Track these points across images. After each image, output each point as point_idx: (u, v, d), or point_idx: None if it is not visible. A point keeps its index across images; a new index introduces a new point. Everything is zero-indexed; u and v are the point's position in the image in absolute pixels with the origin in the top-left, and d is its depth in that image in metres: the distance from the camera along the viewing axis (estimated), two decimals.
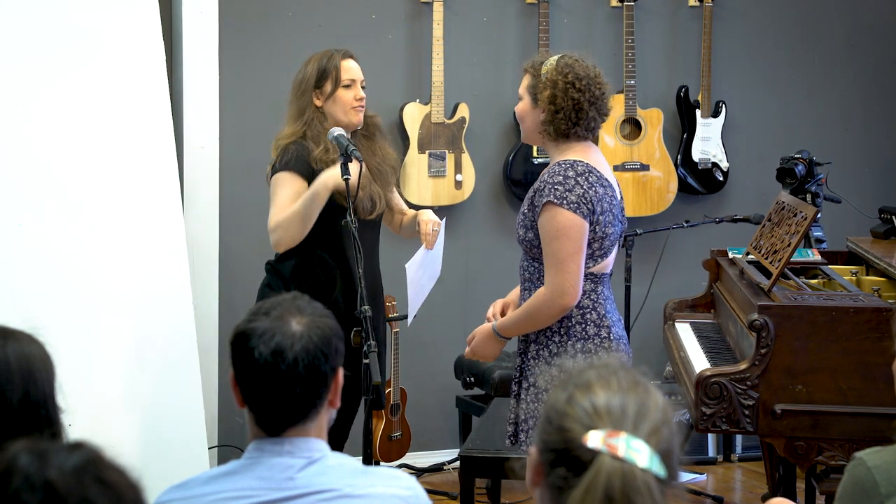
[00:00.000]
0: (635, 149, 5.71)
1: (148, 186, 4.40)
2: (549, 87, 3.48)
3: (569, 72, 3.47)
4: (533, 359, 3.54)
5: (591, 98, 3.48)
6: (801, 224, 3.90)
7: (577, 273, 3.41)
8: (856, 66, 6.12)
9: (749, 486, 5.47)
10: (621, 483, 1.50)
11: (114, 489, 1.39)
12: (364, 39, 5.41)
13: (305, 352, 2.09)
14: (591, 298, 3.50)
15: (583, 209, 3.40)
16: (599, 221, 3.44)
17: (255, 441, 2.14)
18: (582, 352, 3.48)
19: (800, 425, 3.57)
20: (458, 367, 5.53)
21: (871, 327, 3.56)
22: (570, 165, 3.44)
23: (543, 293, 3.43)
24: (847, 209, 5.32)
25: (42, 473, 1.36)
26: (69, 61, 4.32)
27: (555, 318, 3.46)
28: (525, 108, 3.56)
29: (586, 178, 3.43)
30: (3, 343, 1.98)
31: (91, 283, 4.22)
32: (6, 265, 4.11)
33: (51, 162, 4.24)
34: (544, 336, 3.51)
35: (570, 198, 3.39)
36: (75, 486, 1.36)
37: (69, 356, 4.01)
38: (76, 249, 4.22)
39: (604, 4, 5.76)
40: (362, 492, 2.10)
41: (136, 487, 1.42)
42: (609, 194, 3.48)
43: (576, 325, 3.49)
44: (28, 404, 1.95)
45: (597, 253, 3.48)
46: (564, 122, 3.47)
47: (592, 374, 1.61)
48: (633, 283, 5.27)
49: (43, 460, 1.38)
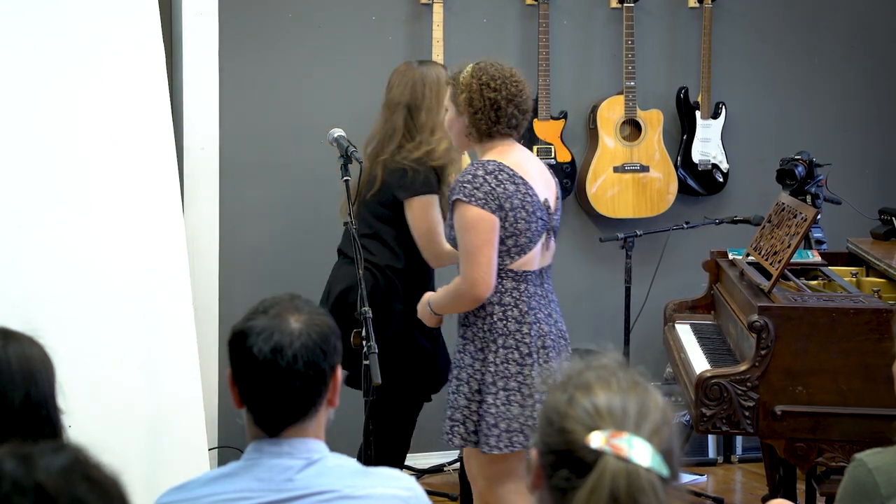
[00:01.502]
0: (635, 150, 5.71)
1: (148, 187, 4.40)
2: (465, 90, 3.65)
3: (482, 74, 3.65)
4: (459, 352, 3.73)
5: (509, 95, 3.64)
6: (801, 225, 3.90)
7: (487, 265, 3.59)
8: (855, 67, 6.12)
9: (749, 488, 5.46)
10: (626, 483, 1.50)
11: (102, 486, 1.39)
12: (364, 41, 5.41)
13: (305, 349, 2.09)
14: (513, 296, 3.66)
15: (490, 205, 3.57)
16: (509, 217, 3.60)
17: (253, 442, 2.14)
18: (503, 347, 3.64)
19: (800, 426, 3.57)
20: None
21: (871, 328, 3.56)
22: (482, 165, 3.63)
23: (458, 283, 3.64)
24: (847, 210, 5.31)
25: (30, 477, 1.36)
26: (69, 63, 4.31)
27: (469, 306, 3.66)
28: (452, 118, 3.72)
29: (495, 175, 3.60)
30: (4, 344, 1.98)
31: (90, 283, 4.22)
32: (6, 265, 4.11)
33: (51, 163, 4.24)
34: (471, 331, 3.69)
35: (477, 195, 3.57)
36: (65, 487, 1.36)
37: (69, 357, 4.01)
38: (76, 250, 4.22)
39: (604, 6, 5.76)
40: (362, 493, 2.10)
41: (119, 482, 1.43)
42: (522, 191, 3.63)
43: (497, 321, 3.65)
44: (29, 405, 1.95)
45: (513, 250, 3.64)
46: (484, 121, 3.64)
47: (592, 374, 1.61)
48: (633, 284, 5.27)
49: (29, 464, 1.37)
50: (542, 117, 5.55)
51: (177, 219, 4.46)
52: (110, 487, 1.40)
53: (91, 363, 4.13)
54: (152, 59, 4.49)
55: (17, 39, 4.24)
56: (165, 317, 4.35)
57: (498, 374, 3.63)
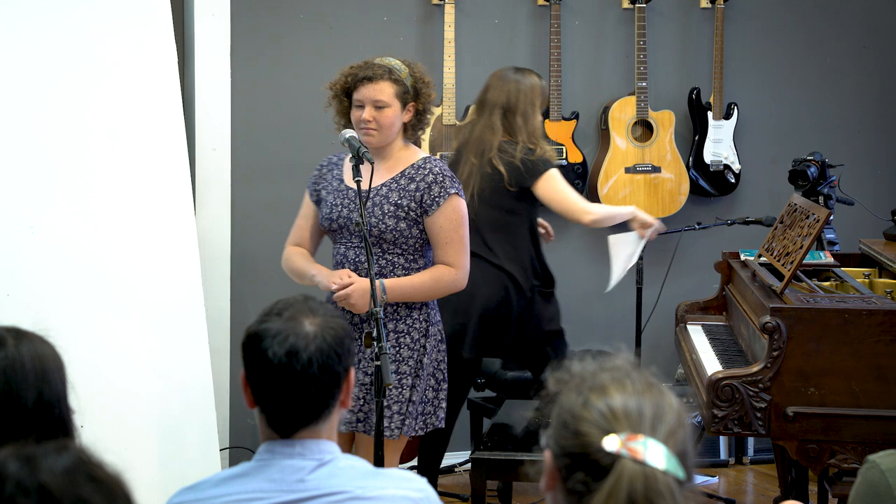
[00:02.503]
0: (647, 151, 5.70)
1: (160, 188, 4.40)
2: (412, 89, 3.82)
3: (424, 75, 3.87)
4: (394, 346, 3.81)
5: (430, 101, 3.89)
6: (814, 226, 3.89)
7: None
8: (868, 67, 6.10)
9: (761, 489, 5.45)
10: (644, 486, 1.49)
11: (106, 485, 1.39)
12: (375, 41, 5.41)
13: (319, 352, 2.09)
14: None
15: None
16: None
17: (266, 443, 2.14)
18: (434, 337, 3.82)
19: (812, 428, 3.57)
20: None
21: (883, 330, 3.55)
22: (437, 159, 3.87)
23: (453, 273, 3.78)
24: (860, 211, 5.30)
25: (34, 478, 1.36)
26: (81, 64, 4.32)
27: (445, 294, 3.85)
28: (395, 113, 3.80)
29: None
30: (17, 343, 1.98)
31: (103, 284, 4.23)
32: (19, 267, 4.11)
33: (63, 164, 4.24)
34: (406, 324, 3.80)
35: (461, 188, 3.83)
36: (69, 487, 1.36)
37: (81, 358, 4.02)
38: (88, 251, 4.23)
39: (615, 6, 5.75)
40: (373, 494, 2.10)
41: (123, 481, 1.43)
42: None
43: (432, 311, 3.86)
44: (42, 405, 1.95)
45: None
46: (421, 122, 3.87)
47: (606, 376, 1.61)
48: (645, 285, 5.26)
49: (33, 464, 1.37)
50: (553, 118, 5.55)
51: (188, 219, 4.46)
52: (114, 486, 1.40)
53: (103, 364, 4.14)
54: (164, 60, 4.50)
55: (29, 41, 4.25)
56: (177, 317, 4.35)
57: (431, 362, 3.81)
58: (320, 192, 3.93)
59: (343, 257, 3.82)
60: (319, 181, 3.95)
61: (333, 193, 3.87)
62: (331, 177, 3.92)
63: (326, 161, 3.99)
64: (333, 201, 3.85)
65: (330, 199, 3.87)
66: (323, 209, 3.89)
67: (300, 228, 4.02)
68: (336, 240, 3.87)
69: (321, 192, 3.93)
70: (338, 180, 3.89)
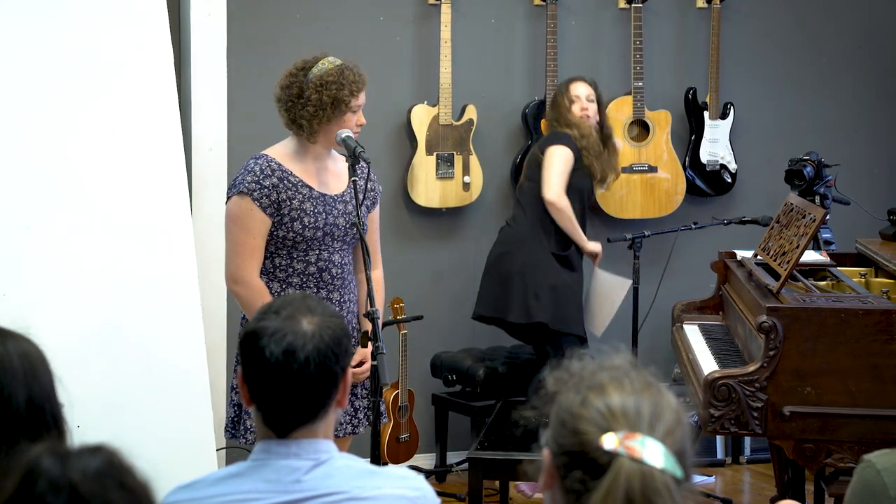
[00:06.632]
0: (643, 150, 5.70)
1: (156, 188, 4.40)
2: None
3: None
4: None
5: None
6: (810, 226, 3.89)
7: None
8: (864, 67, 6.11)
9: (758, 489, 5.46)
10: (641, 485, 1.49)
11: (134, 493, 1.40)
12: (372, 41, 5.41)
13: (317, 351, 2.08)
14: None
15: None
16: None
17: (262, 442, 2.13)
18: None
19: (808, 427, 3.56)
20: (435, 365, 5.51)
21: (880, 329, 3.55)
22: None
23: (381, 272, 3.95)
24: (856, 211, 5.30)
25: (66, 476, 1.37)
26: (77, 63, 4.32)
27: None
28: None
29: None
30: (3, 342, 1.96)
31: (99, 283, 4.23)
32: (14, 266, 4.11)
33: (59, 163, 4.24)
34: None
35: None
36: (98, 490, 1.37)
37: (77, 357, 4.03)
38: (84, 250, 4.22)
39: (612, 6, 5.75)
40: (370, 493, 2.09)
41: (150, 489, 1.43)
42: None
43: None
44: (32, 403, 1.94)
45: None
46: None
47: (605, 375, 1.61)
48: (641, 284, 5.27)
49: (66, 463, 1.38)
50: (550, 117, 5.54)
51: (185, 219, 4.46)
52: (142, 495, 1.41)
53: (98, 363, 4.14)
54: (161, 59, 4.49)
55: (26, 41, 4.24)
56: (173, 316, 4.35)
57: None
58: (282, 207, 3.69)
59: (328, 262, 3.73)
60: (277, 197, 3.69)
61: (310, 202, 3.71)
62: (293, 190, 3.71)
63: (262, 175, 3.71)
64: (314, 209, 3.70)
65: (308, 208, 3.70)
66: (299, 220, 3.69)
67: (259, 250, 3.73)
68: (312, 247, 3.72)
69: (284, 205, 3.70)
70: (305, 188, 3.72)
